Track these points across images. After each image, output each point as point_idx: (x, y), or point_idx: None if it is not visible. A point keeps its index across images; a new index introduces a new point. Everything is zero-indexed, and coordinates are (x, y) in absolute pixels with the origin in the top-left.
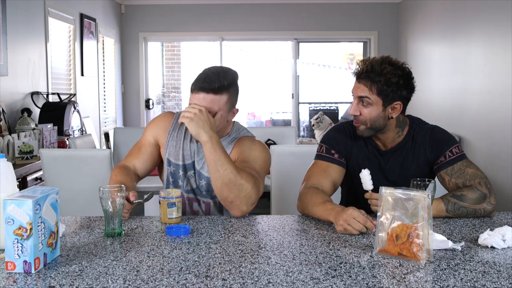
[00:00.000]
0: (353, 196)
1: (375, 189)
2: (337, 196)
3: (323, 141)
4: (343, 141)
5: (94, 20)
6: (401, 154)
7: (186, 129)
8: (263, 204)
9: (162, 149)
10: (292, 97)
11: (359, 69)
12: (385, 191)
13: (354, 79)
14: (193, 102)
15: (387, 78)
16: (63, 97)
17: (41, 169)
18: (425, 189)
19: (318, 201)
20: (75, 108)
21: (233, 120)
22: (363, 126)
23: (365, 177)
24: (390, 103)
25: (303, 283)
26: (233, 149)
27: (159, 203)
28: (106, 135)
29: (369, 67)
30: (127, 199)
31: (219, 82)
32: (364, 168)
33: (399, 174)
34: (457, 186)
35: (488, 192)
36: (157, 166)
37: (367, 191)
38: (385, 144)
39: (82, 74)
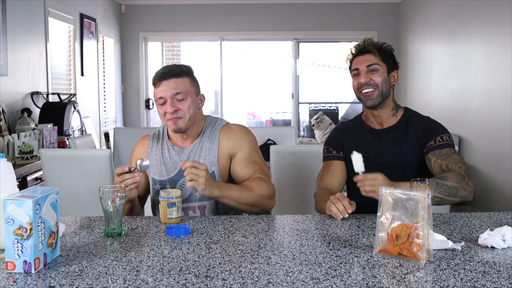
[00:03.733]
0: (353, 188)
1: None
2: None
3: (324, 144)
4: (336, 136)
5: (94, 20)
6: (394, 135)
7: (162, 143)
8: None
9: (146, 171)
10: (292, 97)
11: (360, 46)
12: (385, 191)
13: (354, 57)
14: (159, 95)
15: (387, 48)
16: (63, 97)
17: (41, 169)
18: (425, 189)
19: (326, 198)
20: (75, 108)
21: (205, 114)
22: (376, 91)
23: (357, 159)
24: (392, 70)
25: (303, 283)
26: (221, 140)
27: (159, 203)
28: (106, 135)
29: (370, 42)
30: (127, 172)
31: (177, 68)
32: (356, 152)
33: (391, 154)
34: (440, 168)
35: (467, 175)
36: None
37: (358, 174)
38: (380, 122)
39: (82, 74)
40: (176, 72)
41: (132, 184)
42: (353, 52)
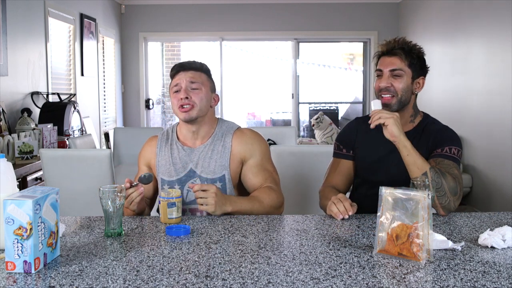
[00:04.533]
0: (359, 187)
1: (383, 177)
2: None
3: (336, 139)
4: (348, 135)
5: (94, 20)
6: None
7: (171, 144)
8: None
9: (155, 171)
10: (292, 97)
11: (388, 45)
12: (385, 191)
13: (380, 56)
14: (175, 82)
15: (418, 52)
16: (63, 97)
17: (41, 169)
18: (425, 189)
19: (330, 196)
20: (75, 108)
21: (217, 117)
22: (395, 99)
23: (375, 104)
24: (417, 77)
25: (303, 283)
26: (233, 144)
27: (159, 203)
28: (106, 135)
29: (400, 42)
30: (129, 186)
31: (197, 63)
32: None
33: (400, 158)
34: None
35: (459, 194)
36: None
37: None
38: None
39: (82, 74)
40: (196, 65)
41: (138, 197)
42: (380, 49)
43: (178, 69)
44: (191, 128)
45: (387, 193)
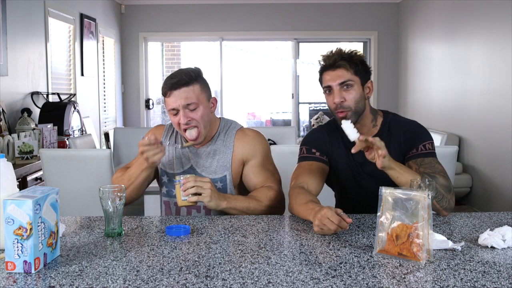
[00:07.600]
0: (344, 194)
1: (362, 179)
2: (328, 199)
3: (302, 144)
4: (322, 139)
5: (94, 20)
6: None
7: (176, 137)
8: None
9: None
10: (292, 97)
11: (330, 59)
12: (385, 191)
13: (323, 72)
14: (170, 106)
15: (358, 58)
16: (63, 97)
17: (41, 169)
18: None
19: (301, 201)
20: (75, 108)
21: (218, 117)
22: (350, 113)
23: (348, 127)
24: (365, 81)
25: (303, 283)
26: (235, 145)
27: (174, 188)
28: (106, 135)
29: (339, 54)
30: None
31: (185, 75)
32: (344, 120)
33: (375, 164)
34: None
35: (452, 190)
36: (157, 179)
37: (354, 144)
38: (361, 133)
39: (82, 74)
40: (185, 80)
41: (156, 155)
42: (322, 63)
43: (170, 88)
44: None
45: (387, 193)
